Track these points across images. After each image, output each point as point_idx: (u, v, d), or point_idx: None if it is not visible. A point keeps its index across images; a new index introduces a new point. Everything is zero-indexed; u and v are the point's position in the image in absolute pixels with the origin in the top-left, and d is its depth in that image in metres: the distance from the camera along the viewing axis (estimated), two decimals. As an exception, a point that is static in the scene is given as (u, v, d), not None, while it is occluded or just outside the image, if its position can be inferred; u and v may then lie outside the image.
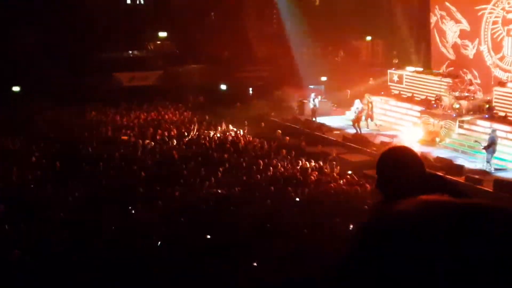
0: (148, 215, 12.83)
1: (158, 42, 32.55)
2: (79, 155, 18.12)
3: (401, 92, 25.75)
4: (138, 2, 32.87)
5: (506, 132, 19.85)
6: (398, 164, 2.69)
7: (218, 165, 17.10)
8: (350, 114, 24.32)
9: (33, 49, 26.74)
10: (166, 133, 21.43)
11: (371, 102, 23.89)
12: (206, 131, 22.20)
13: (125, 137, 21.07)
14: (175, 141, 20.42)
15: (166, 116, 24.83)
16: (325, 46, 29.25)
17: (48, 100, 24.78)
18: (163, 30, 32.05)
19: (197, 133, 21.97)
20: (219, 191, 14.75)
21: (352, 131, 23.09)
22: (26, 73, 26.55)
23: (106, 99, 26.01)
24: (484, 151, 18.25)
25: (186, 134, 21.70)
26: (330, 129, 23.87)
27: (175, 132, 21.96)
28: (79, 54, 27.86)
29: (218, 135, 21.75)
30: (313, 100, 25.35)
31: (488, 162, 18.03)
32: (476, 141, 19.24)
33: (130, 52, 31.70)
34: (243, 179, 15.86)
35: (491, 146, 18.08)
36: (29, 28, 26.91)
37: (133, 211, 13.26)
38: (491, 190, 16.10)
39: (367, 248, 0.92)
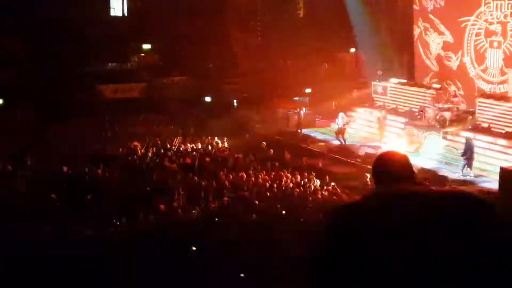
0: (133, 227, 12.70)
1: (142, 54, 32.45)
2: (66, 171, 17.84)
3: (385, 104, 25.85)
4: (121, 14, 32.78)
5: (489, 143, 19.98)
6: (386, 168, 2.74)
7: (200, 177, 17.01)
8: (334, 126, 24.37)
9: (14, 61, 26.51)
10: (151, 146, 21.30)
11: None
12: (189, 144, 22.07)
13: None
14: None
15: (150, 129, 24.68)
16: (310, 58, 29.32)
17: (31, 113, 24.54)
18: (147, 42, 31.97)
19: (181, 145, 21.86)
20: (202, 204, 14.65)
21: (336, 142, 23.16)
22: (9, 85, 26.28)
23: (89, 112, 25.77)
24: (462, 157, 18.76)
25: (169, 146, 21.57)
26: (315, 141, 23.90)
27: (160, 144, 21.85)
28: (62, 66, 27.66)
29: (199, 147, 21.65)
30: (298, 112, 25.40)
31: (462, 169, 18.58)
32: (454, 147, 19.67)
33: (114, 64, 31.53)
34: (225, 191, 15.75)
35: (467, 152, 18.49)
36: (11, 40, 26.69)
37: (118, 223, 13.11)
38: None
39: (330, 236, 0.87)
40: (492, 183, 17.57)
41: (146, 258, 10.50)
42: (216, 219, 12.94)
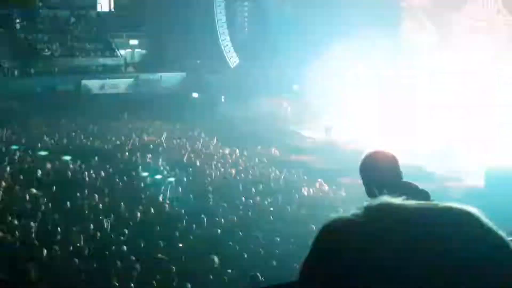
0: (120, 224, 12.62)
1: (130, 50, 32.31)
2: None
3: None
4: (108, 10, 32.61)
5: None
6: (372, 167, 2.74)
7: (187, 173, 16.98)
8: (324, 122, 24.44)
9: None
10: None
11: None
12: (176, 139, 22.00)
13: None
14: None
15: (137, 124, 24.55)
16: (297, 54, 29.34)
17: (16, 107, 24.34)
18: (134, 38, 31.84)
19: (168, 140, 21.78)
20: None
21: (324, 138, 23.23)
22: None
23: (77, 107, 25.60)
24: None
25: (156, 142, 21.46)
26: (302, 137, 23.94)
27: (146, 140, 21.77)
28: (49, 61, 27.47)
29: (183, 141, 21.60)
30: (286, 108, 25.44)
31: None
32: None
33: (102, 59, 31.35)
34: (213, 187, 15.72)
35: None
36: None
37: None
38: (461, 199, 16.28)
39: (320, 249, 0.86)
40: (478, 181, 17.70)
41: (133, 255, 10.45)
42: (202, 216, 12.90)
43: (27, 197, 13.99)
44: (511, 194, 14.82)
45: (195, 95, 29.17)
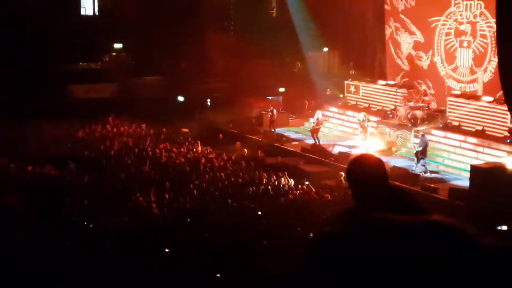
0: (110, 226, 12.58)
1: (114, 54, 32.12)
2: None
3: (358, 103, 26.04)
4: (92, 13, 32.41)
5: (460, 141, 20.30)
6: (359, 172, 2.74)
7: (174, 178, 16.93)
8: (309, 125, 24.53)
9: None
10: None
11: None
12: (162, 144, 21.92)
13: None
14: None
15: (122, 129, 24.41)
16: (283, 57, 29.39)
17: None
18: (118, 42, 31.65)
19: (154, 145, 21.69)
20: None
21: (310, 141, 23.26)
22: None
23: (60, 112, 25.38)
24: (418, 155, 19.15)
25: (141, 147, 21.36)
26: (288, 140, 23.98)
27: (132, 145, 21.66)
28: (32, 66, 27.23)
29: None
30: (272, 111, 25.45)
31: (423, 165, 18.98)
32: (415, 144, 20.02)
33: (85, 63, 31.15)
34: (199, 191, 15.69)
35: (424, 150, 19.03)
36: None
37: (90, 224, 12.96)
38: (447, 199, 16.39)
39: (312, 254, 0.88)
40: (463, 181, 17.86)
41: (118, 260, 10.41)
42: (189, 220, 12.88)
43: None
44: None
45: (180, 98, 29.08)
